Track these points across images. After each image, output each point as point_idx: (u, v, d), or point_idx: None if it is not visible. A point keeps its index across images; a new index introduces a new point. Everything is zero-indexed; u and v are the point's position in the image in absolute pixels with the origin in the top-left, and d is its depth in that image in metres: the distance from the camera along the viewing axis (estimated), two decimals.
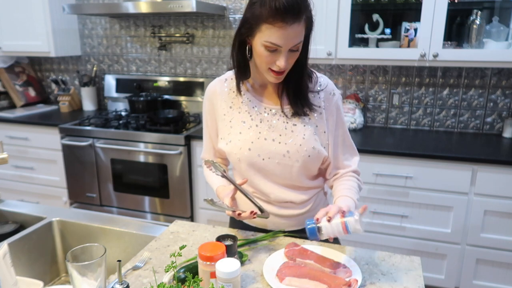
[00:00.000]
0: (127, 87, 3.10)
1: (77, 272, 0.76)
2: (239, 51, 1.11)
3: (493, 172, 1.99)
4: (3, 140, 2.87)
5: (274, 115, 1.17)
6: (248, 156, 1.15)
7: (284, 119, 1.16)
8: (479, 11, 2.19)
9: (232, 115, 1.19)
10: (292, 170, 1.16)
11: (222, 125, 1.21)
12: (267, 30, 0.98)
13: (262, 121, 1.17)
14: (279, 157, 1.14)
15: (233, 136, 1.18)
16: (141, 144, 2.54)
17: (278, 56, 1.02)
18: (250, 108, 1.18)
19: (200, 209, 2.59)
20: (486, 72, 2.44)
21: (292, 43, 1.00)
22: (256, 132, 1.16)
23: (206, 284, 0.88)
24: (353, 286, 0.94)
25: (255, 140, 1.15)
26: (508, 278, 2.11)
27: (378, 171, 2.15)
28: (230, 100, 1.20)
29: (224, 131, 1.20)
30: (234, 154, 1.17)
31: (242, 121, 1.18)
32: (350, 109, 2.56)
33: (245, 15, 1.04)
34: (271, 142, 1.15)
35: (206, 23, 2.91)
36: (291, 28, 0.97)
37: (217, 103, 1.22)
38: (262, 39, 1.00)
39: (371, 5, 2.44)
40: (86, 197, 2.78)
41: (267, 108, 1.17)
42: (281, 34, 0.98)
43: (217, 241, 0.96)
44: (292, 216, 1.24)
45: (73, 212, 1.46)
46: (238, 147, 1.16)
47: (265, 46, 1.01)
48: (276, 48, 1.00)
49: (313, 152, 1.14)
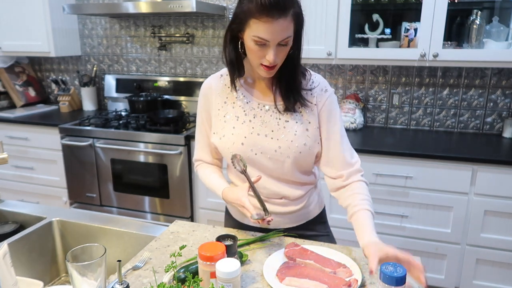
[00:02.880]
0: (127, 87, 3.10)
1: (77, 272, 0.76)
2: (232, 47, 1.13)
3: (493, 172, 1.99)
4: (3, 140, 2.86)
5: (267, 111, 1.18)
6: (241, 150, 1.16)
7: (277, 115, 1.18)
8: (479, 11, 2.19)
9: (226, 110, 1.21)
10: (284, 166, 1.18)
11: (216, 120, 1.22)
12: (255, 25, 1.01)
13: (256, 117, 1.18)
14: (271, 152, 1.16)
15: (227, 130, 1.19)
16: (141, 144, 2.54)
17: (267, 50, 1.04)
18: (244, 104, 1.20)
19: (200, 209, 2.59)
20: (486, 72, 2.44)
21: (280, 38, 1.02)
22: (249, 127, 1.17)
23: (206, 284, 0.88)
24: (353, 286, 0.94)
25: (248, 135, 1.17)
26: (508, 278, 2.11)
27: (378, 171, 2.15)
28: (225, 96, 1.22)
29: (218, 125, 1.21)
30: (227, 149, 1.18)
31: (236, 116, 1.19)
32: (350, 109, 2.56)
33: (235, 11, 1.07)
34: (263, 137, 1.17)
35: (206, 23, 2.91)
36: (277, 23, 0.99)
37: (211, 98, 1.23)
38: (250, 34, 1.03)
39: (371, 5, 2.44)
40: (86, 197, 2.78)
41: (261, 104, 1.19)
42: (267, 29, 1.00)
43: (217, 241, 0.96)
44: (288, 213, 1.26)
45: (73, 212, 1.46)
46: (232, 141, 1.17)
47: (254, 41, 1.04)
48: (265, 43, 1.03)
49: (304, 149, 1.16)
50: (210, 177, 1.29)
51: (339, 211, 2.22)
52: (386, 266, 0.81)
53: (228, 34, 1.12)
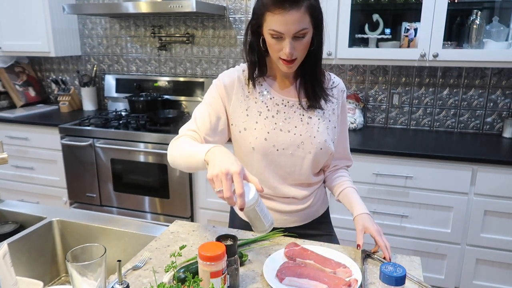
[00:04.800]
0: (127, 87, 3.10)
1: (77, 272, 0.76)
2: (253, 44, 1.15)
3: (493, 172, 1.99)
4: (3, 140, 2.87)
5: (292, 107, 1.20)
6: (264, 146, 1.17)
7: (301, 111, 1.20)
8: (479, 11, 2.19)
9: (248, 104, 1.20)
10: (303, 163, 1.19)
11: (237, 111, 1.19)
12: (269, 18, 1.04)
13: (279, 112, 1.19)
14: (293, 148, 1.17)
15: (248, 124, 1.18)
16: (141, 144, 2.54)
17: (283, 43, 1.06)
18: (267, 99, 1.20)
19: (200, 209, 2.59)
20: (486, 72, 2.44)
21: (293, 30, 1.03)
22: (272, 123, 1.18)
23: (206, 284, 0.88)
24: (353, 286, 0.94)
25: (271, 130, 1.17)
26: (508, 278, 2.11)
27: (378, 171, 2.15)
28: (247, 90, 1.21)
29: (239, 118, 1.19)
30: (249, 143, 1.18)
31: (258, 112, 1.19)
32: (350, 109, 2.56)
33: (254, 7, 1.11)
34: (286, 133, 1.18)
35: (206, 23, 2.91)
36: (290, 15, 1.01)
37: (233, 90, 1.19)
38: (267, 28, 1.06)
39: (371, 5, 2.44)
40: (86, 197, 2.78)
41: (285, 100, 1.20)
42: (280, 21, 1.02)
43: (217, 241, 0.96)
44: (294, 212, 1.26)
45: (73, 212, 1.46)
46: (254, 136, 1.17)
47: (270, 35, 1.06)
48: (280, 35, 1.05)
49: (324, 145, 1.19)
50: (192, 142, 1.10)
51: (340, 211, 2.22)
52: (386, 266, 0.80)
53: (249, 31, 1.14)
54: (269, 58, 1.18)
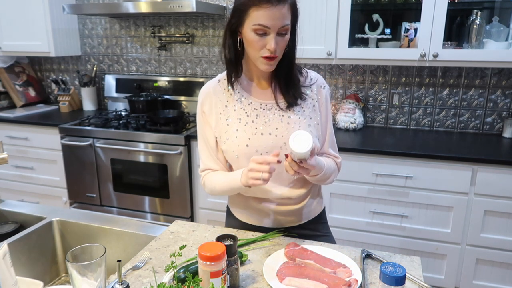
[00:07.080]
0: (127, 87, 3.10)
1: (77, 272, 0.76)
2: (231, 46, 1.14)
3: (493, 172, 1.99)
4: (3, 140, 2.86)
5: (270, 109, 1.19)
6: (246, 152, 1.16)
7: (280, 112, 1.19)
8: (479, 11, 2.19)
9: (228, 113, 1.20)
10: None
11: (219, 124, 1.21)
12: (255, 13, 1.04)
13: (258, 117, 1.19)
14: (277, 149, 1.16)
15: (230, 134, 1.19)
16: (141, 144, 2.54)
17: (268, 39, 1.06)
18: (245, 105, 1.20)
19: (200, 209, 2.59)
20: (486, 72, 2.44)
21: (279, 24, 1.04)
22: (253, 128, 1.18)
23: (206, 284, 0.88)
24: (353, 286, 0.94)
25: (252, 136, 1.17)
26: (508, 278, 2.11)
27: (378, 171, 2.15)
28: (225, 99, 1.21)
29: (221, 129, 1.21)
30: (232, 152, 1.18)
31: (238, 119, 1.19)
32: (350, 109, 2.56)
33: (234, 6, 1.10)
34: (267, 136, 1.17)
35: (206, 23, 2.91)
36: (277, 9, 1.02)
37: (212, 103, 1.22)
38: (251, 23, 1.05)
39: (371, 5, 2.44)
40: (86, 197, 2.78)
41: (263, 103, 1.20)
42: (268, 15, 1.03)
43: (217, 241, 0.96)
44: (290, 212, 1.26)
45: (73, 212, 1.46)
46: (236, 144, 1.17)
47: (254, 30, 1.05)
48: (265, 31, 1.05)
49: None
50: (222, 175, 1.21)
51: (339, 211, 2.22)
52: (386, 266, 0.81)
53: (228, 31, 1.13)
54: (246, 59, 1.17)
